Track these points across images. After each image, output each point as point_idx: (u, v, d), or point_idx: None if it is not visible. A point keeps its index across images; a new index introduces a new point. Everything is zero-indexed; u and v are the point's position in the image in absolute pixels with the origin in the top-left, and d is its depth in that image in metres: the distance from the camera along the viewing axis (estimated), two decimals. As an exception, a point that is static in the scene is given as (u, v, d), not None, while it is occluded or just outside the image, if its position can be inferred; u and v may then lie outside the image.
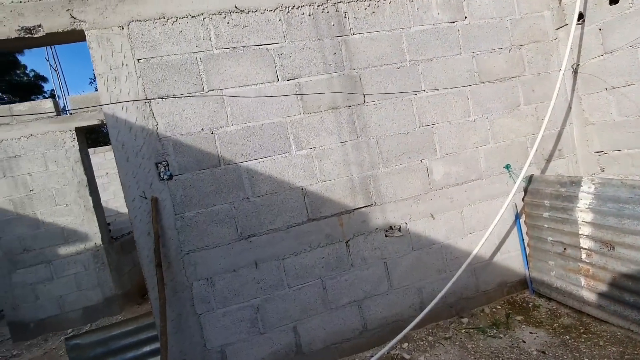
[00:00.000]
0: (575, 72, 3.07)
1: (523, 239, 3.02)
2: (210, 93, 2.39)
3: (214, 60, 2.40)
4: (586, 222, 2.40)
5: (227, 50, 2.43)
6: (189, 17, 2.37)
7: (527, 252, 3.02)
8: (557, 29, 3.12)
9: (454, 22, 2.88)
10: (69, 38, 2.39)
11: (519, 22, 3.05)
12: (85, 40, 2.32)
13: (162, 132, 2.33)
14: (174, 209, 2.35)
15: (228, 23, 2.43)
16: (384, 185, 2.73)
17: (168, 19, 2.35)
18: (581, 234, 2.45)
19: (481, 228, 2.96)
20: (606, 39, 2.77)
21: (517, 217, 3.03)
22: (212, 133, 2.40)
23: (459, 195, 2.91)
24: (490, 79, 2.97)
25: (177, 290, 2.38)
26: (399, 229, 2.76)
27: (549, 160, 3.15)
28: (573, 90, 3.12)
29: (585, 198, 2.42)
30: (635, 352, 2.09)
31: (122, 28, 2.29)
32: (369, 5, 2.69)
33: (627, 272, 2.18)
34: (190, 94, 2.37)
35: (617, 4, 2.64)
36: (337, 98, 2.63)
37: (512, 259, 3.06)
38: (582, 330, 2.40)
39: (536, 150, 2.88)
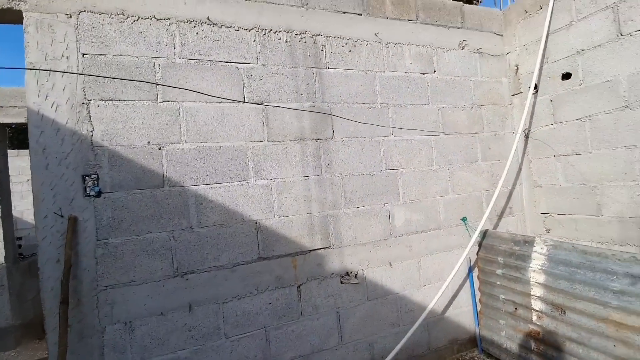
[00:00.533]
0: (527, 136, 3.28)
1: (475, 295, 2.99)
2: (164, 104, 2.11)
3: (174, 70, 2.15)
4: (538, 283, 2.42)
5: (192, 61, 2.20)
6: (153, 19, 2.13)
7: (479, 309, 2.97)
8: (513, 95, 3.36)
9: (424, 74, 2.96)
10: (3, 17, 2.02)
11: (480, 83, 3.23)
12: (21, 23, 1.96)
13: (98, 140, 1.97)
14: (97, 234, 1.94)
15: (197, 33, 2.23)
16: (345, 227, 2.56)
17: (128, 16, 2.09)
18: (533, 295, 2.45)
19: (436, 280, 2.88)
20: (557, 110, 3.00)
21: (470, 271, 3.01)
22: (159, 149, 2.09)
23: (418, 244, 2.83)
24: (454, 132, 3.06)
25: (85, 335, 1.91)
26: (356, 276, 2.57)
27: (500, 217, 3.25)
28: (524, 153, 3.32)
29: (537, 259, 2.45)
30: None
31: (70, 16, 1.98)
32: (346, 44, 2.67)
33: (578, 339, 2.17)
34: (141, 101, 2.07)
35: (569, 80, 2.90)
36: (305, 129, 2.48)
37: (463, 314, 2.99)
38: (531, 398, 2.32)
39: (486, 207, 2.94)
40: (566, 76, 2.92)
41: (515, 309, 2.60)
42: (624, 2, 2.51)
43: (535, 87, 3.15)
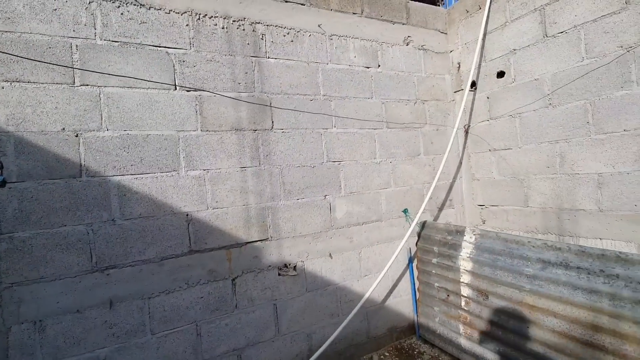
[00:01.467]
0: (467, 132, 3.42)
1: (414, 284, 3.09)
2: (82, 88, 1.97)
3: (95, 52, 2.01)
4: (467, 270, 2.54)
5: (116, 44, 2.07)
6: (70, -4, 1.97)
7: (418, 297, 3.08)
8: (455, 91, 3.48)
9: (368, 68, 2.99)
10: None
11: (424, 79, 3.32)
12: None
13: (2, 125, 1.80)
14: (0, 227, 1.78)
15: (122, 14, 2.09)
16: (283, 219, 2.54)
17: (40, -8, 1.92)
18: (462, 282, 2.57)
19: (377, 270, 2.94)
20: (492, 107, 3.15)
21: (410, 261, 3.11)
22: (76, 136, 1.95)
23: (359, 235, 2.87)
24: (397, 126, 3.12)
25: (-12, 337, 1.76)
26: (294, 268, 2.57)
27: (441, 209, 3.37)
28: (464, 148, 3.46)
29: (467, 247, 2.57)
30: (501, 402, 2.17)
31: (-32, -13, 1.79)
32: (288, 33, 2.63)
33: (498, 322, 2.31)
34: (54, 84, 1.91)
35: (503, 78, 3.05)
36: (242, 119, 2.42)
37: (403, 303, 3.09)
38: (458, 380, 2.45)
39: (430, 199, 3.06)
40: (501, 74, 3.06)
41: (448, 295, 2.71)
42: (550, 5, 2.66)
43: (474, 84, 3.29)
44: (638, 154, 2.27)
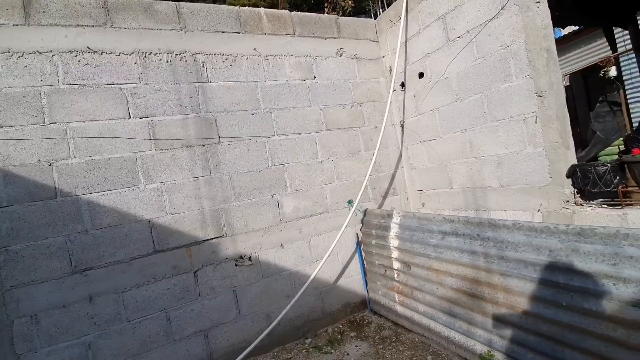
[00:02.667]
0: (402, 127, 3.86)
1: (363, 264, 3.53)
2: (51, 126, 2.43)
3: (59, 95, 2.47)
4: (395, 247, 2.98)
5: (76, 86, 2.53)
6: (36, 54, 2.43)
7: (366, 275, 3.52)
8: (390, 92, 3.91)
9: (304, 80, 3.43)
10: None
11: (359, 84, 3.76)
12: None
13: (-10, 162, 2.27)
14: (-4, 243, 2.25)
15: (79, 61, 2.55)
16: (236, 218, 3.00)
17: (13, 53, 2.37)
18: (392, 257, 3.01)
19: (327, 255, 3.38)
20: (418, 104, 3.59)
21: (359, 245, 3.55)
22: (50, 165, 2.41)
23: (308, 227, 3.32)
24: (336, 128, 3.56)
25: (-5, 331, 2.22)
26: (249, 258, 3.02)
27: (385, 197, 3.81)
28: (402, 141, 3.90)
29: (394, 227, 3.01)
30: (422, 354, 2.61)
31: (-47, 56, 2.25)
32: (226, 59, 3.08)
33: (418, 287, 2.75)
34: (29, 125, 2.37)
35: (423, 78, 3.49)
36: (191, 137, 2.87)
37: (354, 282, 3.53)
38: (393, 340, 2.89)
39: (374, 189, 3.49)
40: (421, 75, 3.50)
41: (385, 271, 3.16)
42: (449, 14, 3.09)
43: (404, 84, 3.73)
44: (522, 136, 2.70)
